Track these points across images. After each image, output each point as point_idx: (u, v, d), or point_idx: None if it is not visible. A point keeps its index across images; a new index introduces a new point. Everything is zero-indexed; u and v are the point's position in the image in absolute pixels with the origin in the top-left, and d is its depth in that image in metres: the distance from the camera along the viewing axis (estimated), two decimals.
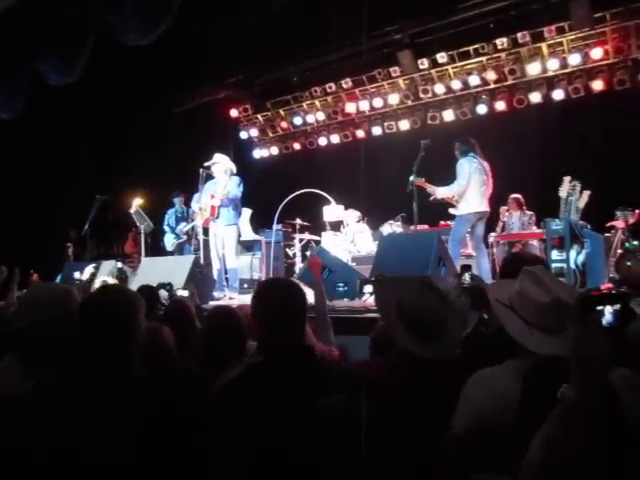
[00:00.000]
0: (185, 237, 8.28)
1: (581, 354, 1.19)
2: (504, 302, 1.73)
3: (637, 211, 6.69)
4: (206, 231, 7.25)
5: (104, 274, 5.90)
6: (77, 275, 6.06)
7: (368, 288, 4.46)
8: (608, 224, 6.91)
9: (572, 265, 4.90)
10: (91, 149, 10.12)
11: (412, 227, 6.69)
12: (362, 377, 1.91)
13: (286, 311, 1.91)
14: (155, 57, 8.56)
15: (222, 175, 7.00)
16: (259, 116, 11.36)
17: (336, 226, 8.83)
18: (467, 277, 2.76)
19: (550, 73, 8.59)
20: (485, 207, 6.19)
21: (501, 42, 8.50)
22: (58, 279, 6.87)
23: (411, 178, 6.03)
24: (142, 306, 1.90)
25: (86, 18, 6.21)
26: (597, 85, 8.32)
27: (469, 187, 6.06)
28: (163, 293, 3.85)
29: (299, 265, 8.35)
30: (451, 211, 6.52)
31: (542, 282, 1.65)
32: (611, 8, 7.86)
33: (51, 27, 6.26)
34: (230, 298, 6.47)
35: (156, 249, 8.72)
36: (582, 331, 1.20)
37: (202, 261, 6.86)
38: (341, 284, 5.25)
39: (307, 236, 8.95)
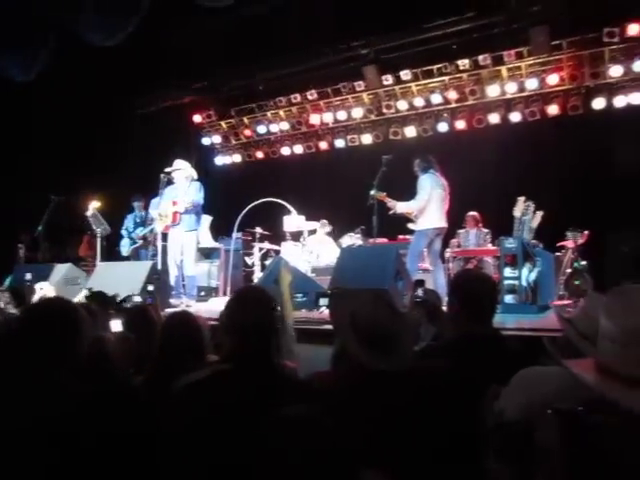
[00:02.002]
0: (141, 242, 8.15)
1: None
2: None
3: (586, 232, 6.96)
4: (165, 237, 7.16)
5: (55, 279, 5.73)
6: (28, 276, 5.89)
7: (324, 301, 4.49)
8: (559, 244, 7.16)
9: (524, 282, 5.06)
10: (48, 148, 9.85)
11: (371, 240, 6.78)
12: (317, 388, 1.93)
13: (256, 324, 1.94)
14: (120, 58, 8.43)
15: (183, 181, 6.94)
16: (223, 123, 11.32)
17: (296, 236, 8.85)
18: (420, 292, 2.83)
19: (508, 95, 8.87)
20: (444, 223, 6.32)
21: (463, 63, 8.73)
22: (7, 281, 6.66)
23: (372, 192, 6.12)
24: (84, 319, 1.87)
25: (48, 14, 6.09)
26: (552, 110, 8.64)
27: (429, 203, 6.18)
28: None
29: (258, 274, 8.32)
30: (410, 226, 6.64)
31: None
32: (568, 37, 8.19)
33: (11, 22, 6.10)
34: (187, 305, 6.39)
35: (112, 253, 8.54)
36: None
37: (159, 267, 6.76)
38: (299, 295, 5.27)
39: (267, 245, 8.94)
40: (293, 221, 8.73)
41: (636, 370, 1.21)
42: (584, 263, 6.47)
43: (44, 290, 4.57)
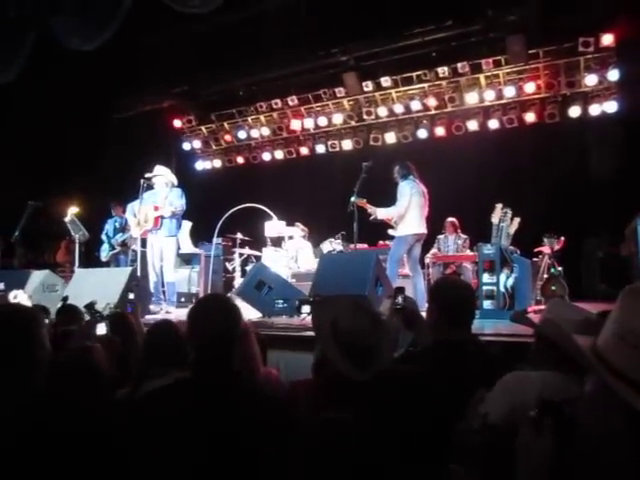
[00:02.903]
0: (120, 248, 8.08)
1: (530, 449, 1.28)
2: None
3: (562, 238, 7.07)
4: (144, 242, 7.11)
5: (32, 286, 5.64)
6: (1, 286, 5.79)
7: (306, 308, 4.49)
8: (535, 250, 7.27)
9: (502, 288, 5.12)
10: (25, 152, 9.72)
11: (352, 246, 6.81)
12: (288, 401, 1.94)
13: (215, 333, 1.93)
14: (98, 62, 8.37)
15: (163, 187, 6.90)
16: (203, 128, 11.29)
17: (277, 242, 8.85)
18: (400, 299, 2.84)
19: (487, 103, 9.01)
20: (423, 229, 6.37)
21: (442, 71, 8.84)
22: None
23: (352, 199, 6.15)
24: (41, 325, 1.86)
25: (25, 16, 6.02)
26: (529, 117, 8.79)
27: (409, 209, 6.23)
28: None
29: (238, 280, 8.30)
30: (390, 232, 6.68)
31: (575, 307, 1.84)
32: (544, 46, 8.35)
33: None
34: (167, 312, 6.36)
35: (90, 259, 8.45)
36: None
37: (139, 273, 6.70)
38: (280, 301, 5.27)
39: (247, 251, 8.92)
40: (274, 227, 8.73)
41: None
42: (560, 269, 6.58)
43: (18, 298, 4.49)
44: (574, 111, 8.45)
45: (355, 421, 1.62)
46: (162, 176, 6.90)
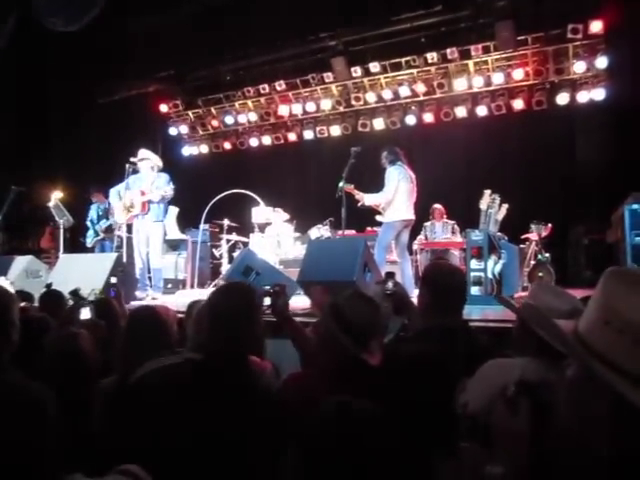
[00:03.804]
0: (103, 234, 7.99)
1: (506, 431, 1.26)
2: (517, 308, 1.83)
3: (550, 225, 7.11)
4: (129, 228, 7.02)
5: (15, 272, 5.55)
6: None
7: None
8: (523, 236, 7.31)
9: (489, 274, 5.13)
10: (7, 137, 9.54)
11: (340, 232, 6.78)
12: (285, 400, 1.93)
13: (227, 319, 1.93)
14: (82, 44, 8.23)
15: (149, 171, 6.81)
16: (190, 113, 11.15)
17: (264, 228, 8.81)
18: (390, 284, 2.82)
19: (475, 89, 8.98)
20: (411, 215, 6.36)
21: (431, 56, 8.79)
22: None
23: (340, 184, 6.11)
24: (14, 306, 1.83)
25: None
26: (517, 104, 8.78)
27: (397, 195, 6.21)
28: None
29: (225, 266, 8.25)
30: (378, 218, 6.66)
31: (559, 293, 1.79)
32: (533, 32, 8.32)
33: None
34: (153, 298, 6.30)
35: (75, 245, 8.35)
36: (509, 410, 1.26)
37: (124, 259, 6.63)
38: (268, 287, 5.22)
39: (235, 237, 8.86)
40: (261, 213, 8.67)
41: None
42: (547, 255, 6.61)
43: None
44: (562, 98, 8.45)
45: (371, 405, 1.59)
46: (148, 160, 6.81)
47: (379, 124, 9.70)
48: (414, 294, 3.69)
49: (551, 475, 1.22)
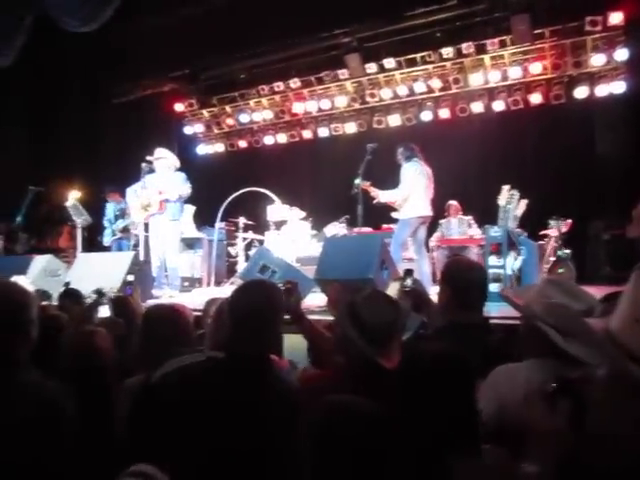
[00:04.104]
0: (120, 234, 8.04)
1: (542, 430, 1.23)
2: (526, 311, 1.78)
3: (569, 221, 6.99)
4: (146, 227, 7.05)
5: (34, 271, 5.60)
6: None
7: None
8: (542, 232, 7.20)
9: (509, 271, 5.06)
10: (25, 138, 9.64)
11: (356, 229, 6.75)
12: (306, 396, 1.91)
13: (250, 317, 1.91)
14: (96, 45, 8.27)
15: (165, 170, 6.83)
16: (204, 111, 11.17)
17: (280, 226, 8.80)
18: (409, 281, 2.79)
19: (491, 84, 8.88)
20: (428, 211, 6.30)
21: (447, 52, 8.69)
22: None
23: (356, 181, 6.07)
24: (34, 304, 1.82)
25: None
26: (535, 98, 8.66)
27: (413, 192, 6.16)
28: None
29: (241, 264, 8.26)
30: (394, 215, 6.61)
31: (570, 291, 1.73)
32: (550, 25, 8.19)
33: None
34: (170, 296, 6.32)
35: (93, 244, 8.41)
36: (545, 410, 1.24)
37: (141, 258, 6.66)
38: (280, 284, 5.20)
39: (251, 235, 8.87)
40: (277, 210, 8.66)
41: None
42: (568, 251, 6.50)
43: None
44: (581, 92, 8.31)
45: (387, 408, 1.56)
46: (164, 159, 6.83)
47: (394, 120, 9.63)
48: (432, 292, 3.65)
49: (585, 476, 1.19)
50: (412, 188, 6.12)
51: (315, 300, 4.80)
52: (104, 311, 3.00)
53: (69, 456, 1.67)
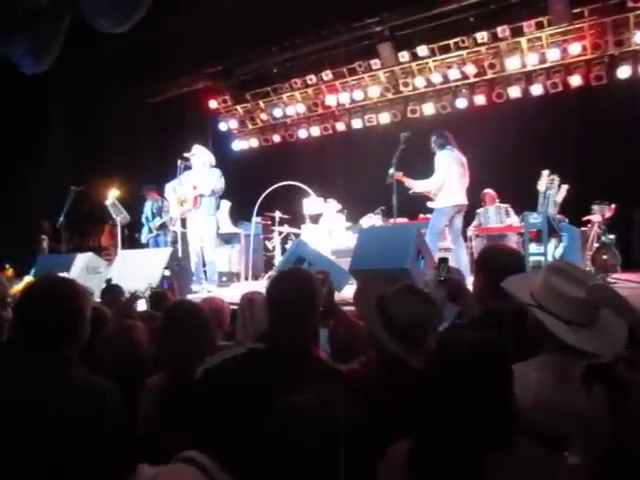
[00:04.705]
0: (157, 232, 8.19)
1: (584, 419, 1.19)
2: (527, 300, 1.72)
3: (613, 205, 6.75)
4: (184, 223, 7.16)
5: (77, 269, 5.75)
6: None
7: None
8: (584, 218, 6.98)
9: (550, 258, 4.93)
10: (65, 139, 9.90)
11: (391, 220, 6.69)
12: (343, 378, 1.88)
13: (287, 304, 1.90)
14: (131, 46, 8.41)
15: (201, 166, 6.91)
16: (238, 107, 11.24)
17: (316, 219, 8.79)
18: (444, 270, 2.73)
19: (529, 68, 8.63)
20: (463, 200, 6.20)
21: (481, 36, 8.49)
22: (32, 273, 6.72)
23: (390, 171, 6.01)
24: (87, 300, 1.84)
25: (58, 2, 6.05)
26: (575, 80, 8.38)
27: (447, 180, 6.06)
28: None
29: (278, 258, 8.30)
30: (429, 204, 6.53)
31: (574, 277, 1.66)
32: (589, 4, 7.90)
33: (22, 12, 6.08)
34: (208, 291, 6.40)
35: (133, 241, 8.59)
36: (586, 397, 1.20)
37: (180, 254, 6.76)
38: None
39: (287, 229, 8.90)
40: (312, 204, 8.67)
41: None
42: (612, 237, 6.27)
43: None
44: (623, 72, 7.99)
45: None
46: (200, 155, 6.91)
47: (429, 109, 9.48)
48: (469, 282, 3.58)
49: (629, 463, 1.14)
50: (446, 176, 6.03)
51: (351, 292, 4.78)
52: (142, 305, 3.05)
53: (113, 452, 1.69)
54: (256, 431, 1.60)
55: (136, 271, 5.10)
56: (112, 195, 7.95)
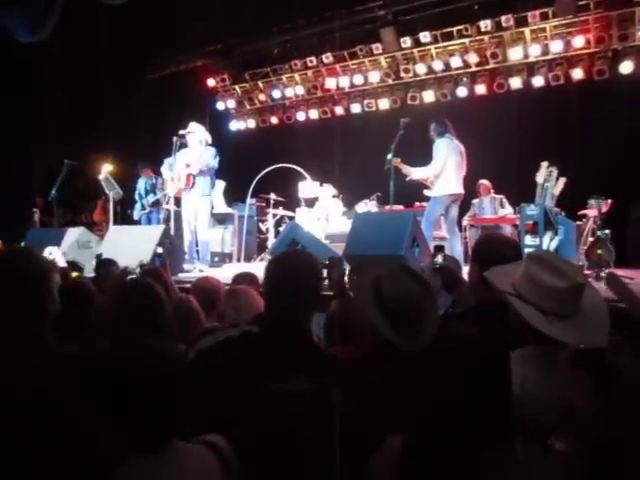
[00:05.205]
0: (149, 209, 8.12)
1: (569, 408, 1.17)
2: (507, 289, 1.69)
3: (610, 200, 6.72)
4: (177, 201, 7.09)
5: (67, 243, 5.69)
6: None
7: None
8: (580, 212, 6.96)
9: None
10: (60, 112, 9.76)
11: (387, 207, 6.65)
12: (339, 364, 1.85)
13: (285, 286, 1.86)
14: (131, 20, 8.27)
15: (197, 145, 6.83)
16: (237, 87, 11.12)
17: (311, 203, 8.75)
18: (440, 258, 2.70)
19: (531, 59, 8.56)
20: (460, 189, 6.16)
21: (485, 24, 8.41)
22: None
23: (388, 157, 5.97)
24: (53, 274, 1.78)
25: None
26: (577, 74, 8.32)
27: (445, 169, 6.03)
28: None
29: (272, 240, 8.26)
30: (426, 192, 6.49)
31: (554, 266, 1.63)
32: None
33: None
34: (200, 270, 6.36)
35: (125, 218, 8.51)
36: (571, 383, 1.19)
37: (172, 232, 6.70)
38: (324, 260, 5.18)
39: (281, 212, 8.85)
40: (308, 187, 8.61)
41: None
42: (607, 232, 6.26)
43: (53, 255, 4.52)
44: (626, 67, 7.94)
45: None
46: (195, 133, 6.82)
47: (429, 96, 9.40)
48: (464, 272, 3.56)
49: (619, 451, 1.13)
50: (444, 165, 5.99)
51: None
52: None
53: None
54: (247, 416, 1.57)
55: (127, 247, 5.05)
56: (105, 170, 7.85)
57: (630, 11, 7.74)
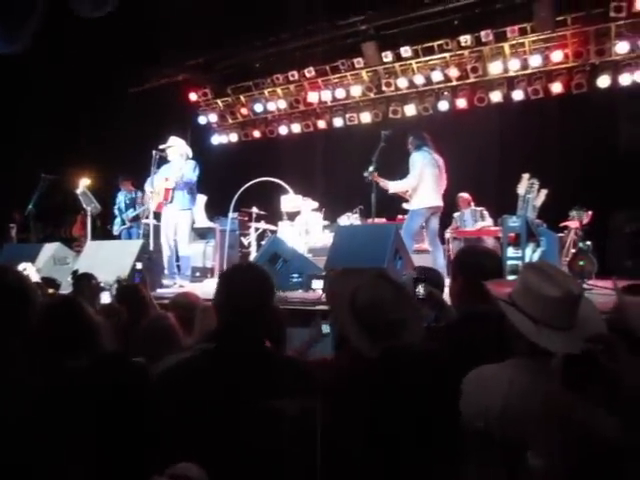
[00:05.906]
0: (130, 224, 8.01)
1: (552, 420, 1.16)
2: (503, 298, 1.67)
3: (590, 212, 6.78)
4: (157, 216, 7.00)
5: (43, 259, 5.56)
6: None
7: (317, 283, 4.33)
8: (562, 224, 7.00)
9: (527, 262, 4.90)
10: (38, 125, 9.64)
11: (370, 220, 6.62)
12: (316, 378, 1.79)
13: (243, 301, 1.79)
14: (113, 34, 8.22)
15: (177, 158, 6.77)
16: (219, 101, 11.08)
17: (293, 216, 8.70)
18: (421, 289, 2.62)
19: (511, 73, 8.64)
20: (438, 202, 6.17)
21: (465, 39, 8.48)
22: None
23: (370, 168, 5.95)
24: (34, 290, 1.72)
25: None
26: (556, 87, 8.42)
27: (422, 181, 6.03)
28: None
29: (254, 254, 8.18)
30: (404, 206, 6.49)
31: (550, 275, 1.62)
32: (572, 12, 7.95)
33: None
34: (180, 286, 6.26)
35: (105, 232, 8.38)
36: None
37: (152, 247, 6.60)
38: (295, 275, 5.14)
39: (263, 225, 8.78)
40: (290, 201, 8.56)
41: None
42: (589, 243, 6.30)
43: (27, 271, 4.40)
44: (603, 81, 8.05)
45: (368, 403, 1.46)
46: (175, 147, 6.76)
47: (410, 110, 9.45)
48: (447, 283, 3.52)
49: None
50: (420, 178, 5.99)
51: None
52: (105, 297, 2.91)
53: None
54: (227, 437, 1.51)
55: (105, 263, 4.94)
56: (83, 184, 7.72)
57: (606, 27, 7.86)
